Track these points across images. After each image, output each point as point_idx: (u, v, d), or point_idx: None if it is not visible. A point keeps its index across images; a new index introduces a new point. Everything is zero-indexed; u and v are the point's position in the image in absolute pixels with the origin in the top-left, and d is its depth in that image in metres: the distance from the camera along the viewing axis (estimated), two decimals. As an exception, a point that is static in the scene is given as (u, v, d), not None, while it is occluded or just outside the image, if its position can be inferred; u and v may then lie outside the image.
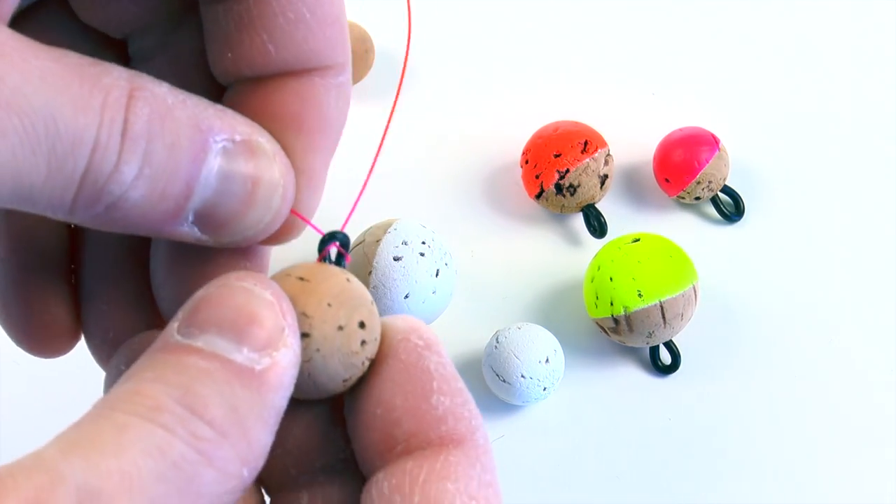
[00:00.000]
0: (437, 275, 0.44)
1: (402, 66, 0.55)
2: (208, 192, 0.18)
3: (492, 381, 0.45)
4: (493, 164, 0.52)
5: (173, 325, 0.17)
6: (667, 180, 0.49)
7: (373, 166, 0.24)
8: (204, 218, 0.18)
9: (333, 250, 0.20)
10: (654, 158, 0.50)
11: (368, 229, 0.45)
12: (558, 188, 0.48)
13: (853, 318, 0.48)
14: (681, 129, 0.50)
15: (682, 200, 0.50)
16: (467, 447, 0.18)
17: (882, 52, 0.55)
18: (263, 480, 0.20)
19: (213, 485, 0.16)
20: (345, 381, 0.19)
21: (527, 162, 0.49)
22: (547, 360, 0.44)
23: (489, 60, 0.55)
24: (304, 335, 0.18)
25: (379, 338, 0.19)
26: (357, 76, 0.52)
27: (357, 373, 0.19)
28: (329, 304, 0.19)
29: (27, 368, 0.25)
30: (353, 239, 0.46)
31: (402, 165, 0.52)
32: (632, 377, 0.47)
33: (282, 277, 0.19)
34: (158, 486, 0.15)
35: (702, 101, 0.53)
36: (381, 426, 0.18)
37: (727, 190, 0.50)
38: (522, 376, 0.44)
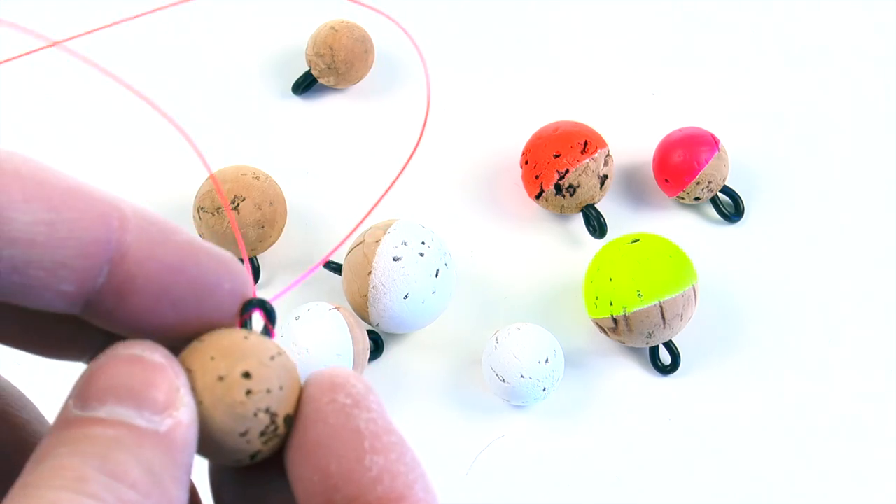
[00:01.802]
0: (436, 275, 0.44)
1: (400, 68, 0.55)
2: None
3: (492, 382, 0.45)
4: (493, 164, 0.52)
5: (68, 403, 0.18)
6: (666, 180, 0.49)
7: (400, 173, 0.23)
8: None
9: (256, 316, 0.20)
10: (654, 159, 0.50)
11: (368, 229, 0.45)
12: (558, 188, 0.48)
13: (853, 318, 0.48)
14: (680, 130, 0.50)
15: (681, 201, 0.50)
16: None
17: (882, 51, 0.55)
18: None
19: None
20: (242, 435, 0.19)
21: (526, 162, 0.49)
22: (547, 361, 0.44)
23: (489, 61, 0.55)
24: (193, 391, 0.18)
25: (283, 389, 0.19)
26: (357, 76, 0.53)
27: (257, 426, 0.19)
28: (212, 358, 0.19)
29: (27, 368, 0.25)
30: (353, 239, 0.46)
31: (402, 165, 0.52)
32: (631, 377, 0.47)
33: (188, 344, 0.19)
34: None
35: (702, 101, 0.54)
36: (321, 492, 0.19)
37: (727, 190, 0.50)
38: (522, 376, 0.44)
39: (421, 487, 0.19)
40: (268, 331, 0.20)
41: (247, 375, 0.18)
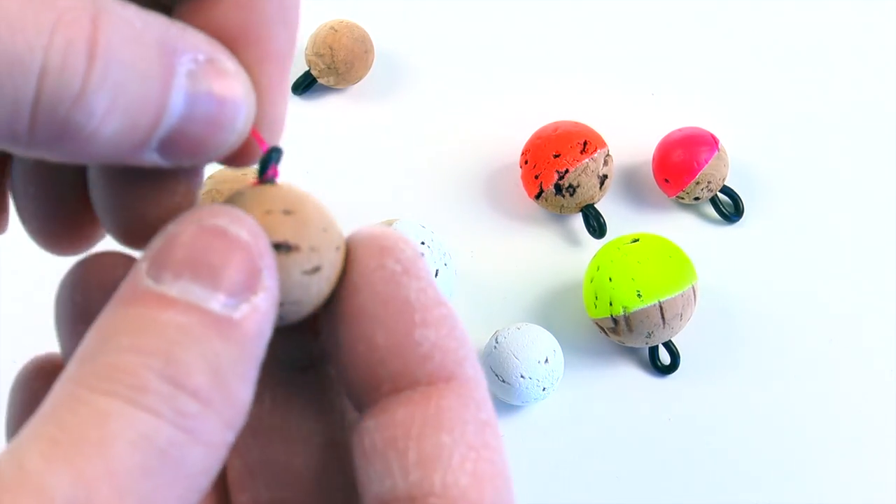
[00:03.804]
0: (436, 275, 0.44)
1: (400, 68, 0.55)
2: (174, 119, 0.17)
3: (491, 382, 0.45)
4: (493, 164, 0.52)
5: (141, 267, 0.16)
6: (666, 180, 0.49)
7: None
8: (168, 145, 0.17)
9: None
10: (654, 159, 0.50)
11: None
12: (558, 188, 0.48)
13: (853, 318, 0.48)
14: (680, 130, 0.50)
15: (681, 201, 0.50)
16: (458, 384, 0.17)
17: (882, 52, 0.55)
18: None
19: (202, 462, 0.15)
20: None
21: (526, 162, 0.49)
22: (546, 361, 0.44)
23: (489, 60, 0.55)
24: (316, 269, 0.18)
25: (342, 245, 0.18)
26: (357, 76, 0.53)
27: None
28: (325, 230, 0.18)
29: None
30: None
31: (402, 165, 0.52)
32: (631, 377, 0.47)
33: (263, 212, 0.18)
34: (147, 481, 0.14)
35: (701, 102, 0.54)
36: (365, 364, 0.18)
37: (726, 190, 0.50)
38: (522, 376, 0.44)
39: (471, 365, 0.18)
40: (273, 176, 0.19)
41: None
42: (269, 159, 0.19)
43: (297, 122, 0.53)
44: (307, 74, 0.53)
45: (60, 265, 0.22)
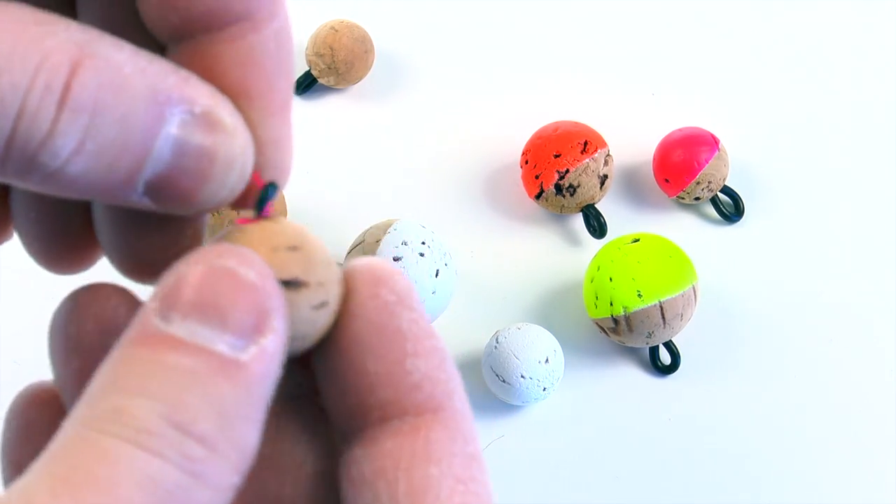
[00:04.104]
0: (436, 275, 0.44)
1: (400, 68, 0.55)
2: (161, 166, 0.17)
3: (491, 382, 0.45)
4: (493, 164, 0.52)
5: (151, 307, 0.16)
6: (666, 180, 0.49)
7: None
8: (156, 190, 0.17)
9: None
10: (654, 159, 0.50)
11: (368, 229, 0.45)
12: (558, 188, 0.48)
13: (853, 318, 0.48)
14: (680, 130, 0.50)
15: (681, 201, 0.50)
16: (446, 416, 0.18)
17: (882, 52, 0.55)
18: None
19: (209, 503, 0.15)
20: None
21: (527, 162, 0.49)
22: (546, 361, 0.44)
23: (489, 60, 0.55)
24: (324, 304, 0.18)
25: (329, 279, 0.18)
26: (357, 77, 0.53)
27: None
28: (329, 265, 0.18)
29: (27, 368, 0.25)
30: (352, 239, 0.46)
31: (402, 165, 0.52)
32: (631, 377, 0.47)
33: (269, 250, 0.18)
34: None
35: (701, 102, 0.54)
36: (355, 392, 0.18)
37: (727, 190, 0.50)
38: (522, 376, 0.44)
39: (459, 398, 0.18)
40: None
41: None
42: (267, 197, 0.19)
43: (297, 122, 0.53)
44: (307, 74, 0.53)
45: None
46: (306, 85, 0.53)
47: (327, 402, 0.19)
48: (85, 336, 0.19)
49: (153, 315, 0.16)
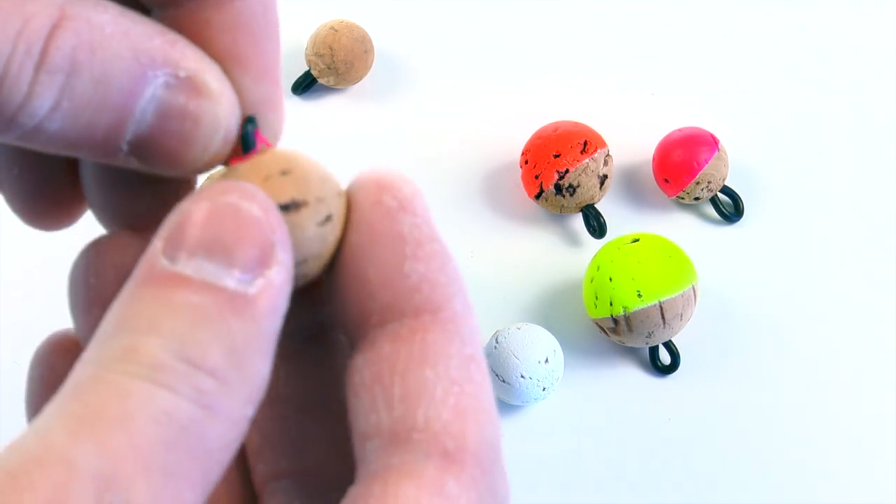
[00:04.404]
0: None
1: (399, 69, 0.55)
2: (143, 127, 0.17)
3: (492, 382, 0.45)
4: (493, 164, 0.52)
5: (157, 247, 0.16)
6: (666, 180, 0.49)
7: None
8: (140, 150, 0.18)
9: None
10: (654, 159, 0.50)
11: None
12: (558, 188, 0.48)
13: (853, 318, 0.48)
14: (680, 130, 0.50)
15: (681, 201, 0.50)
16: (444, 318, 0.17)
17: (882, 52, 0.55)
18: None
19: (222, 437, 0.15)
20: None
21: (526, 162, 0.49)
22: (546, 361, 0.44)
23: (489, 60, 0.55)
24: (328, 218, 0.18)
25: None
26: (356, 77, 0.53)
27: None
28: (324, 180, 0.18)
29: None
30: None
31: (402, 165, 0.52)
32: (631, 377, 0.47)
33: (262, 179, 0.18)
34: (170, 454, 0.15)
35: (701, 102, 0.54)
36: (357, 301, 0.18)
37: (726, 190, 0.50)
38: (522, 376, 0.44)
39: (460, 301, 0.18)
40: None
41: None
42: (247, 133, 0.19)
43: (297, 122, 0.53)
44: (307, 74, 0.53)
45: (61, 266, 0.22)
46: (306, 85, 0.53)
47: (338, 320, 0.18)
48: (105, 285, 0.20)
49: (160, 255, 0.16)
